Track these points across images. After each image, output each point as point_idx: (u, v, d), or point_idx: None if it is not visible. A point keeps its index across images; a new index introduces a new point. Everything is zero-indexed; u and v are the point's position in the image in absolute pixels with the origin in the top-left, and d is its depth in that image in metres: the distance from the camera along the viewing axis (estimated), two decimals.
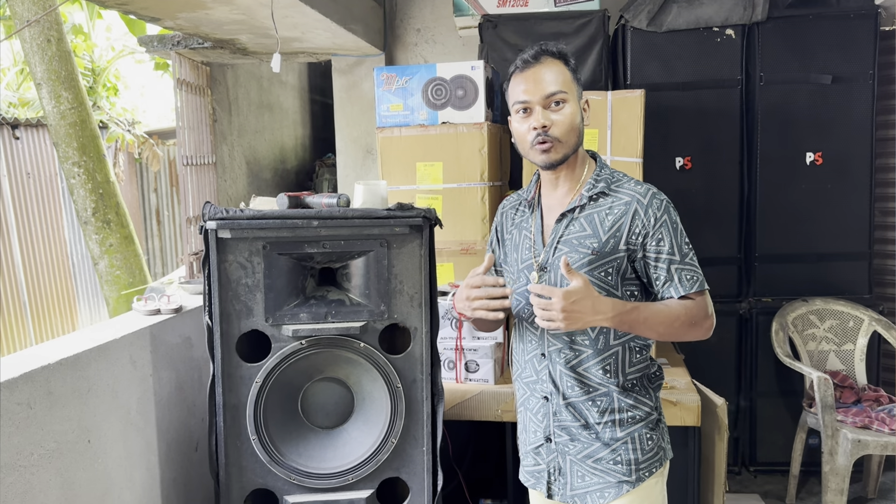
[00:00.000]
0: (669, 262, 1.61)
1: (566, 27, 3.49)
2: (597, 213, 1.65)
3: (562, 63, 1.64)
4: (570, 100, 1.62)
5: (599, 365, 1.65)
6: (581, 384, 1.66)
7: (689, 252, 1.63)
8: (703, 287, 1.63)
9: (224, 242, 2.03)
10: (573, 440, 1.69)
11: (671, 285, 1.62)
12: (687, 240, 1.65)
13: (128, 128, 7.25)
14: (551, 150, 1.62)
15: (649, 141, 2.99)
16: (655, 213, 1.62)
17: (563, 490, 1.72)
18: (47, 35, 4.57)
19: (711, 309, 1.64)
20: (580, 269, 1.62)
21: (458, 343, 2.63)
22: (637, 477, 1.65)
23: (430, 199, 2.98)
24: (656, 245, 1.61)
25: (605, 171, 1.71)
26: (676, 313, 1.59)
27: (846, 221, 3.49)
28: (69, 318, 6.70)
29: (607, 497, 1.66)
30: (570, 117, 1.62)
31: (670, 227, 1.62)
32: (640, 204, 1.62)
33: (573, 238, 1.66)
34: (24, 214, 6.18)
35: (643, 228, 1.61)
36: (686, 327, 1.60)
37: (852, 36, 3.39)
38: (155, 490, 2.36)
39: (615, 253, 1.62)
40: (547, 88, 1.61)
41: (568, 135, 1.62)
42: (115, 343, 2.15)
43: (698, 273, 1.63)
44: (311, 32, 3.56)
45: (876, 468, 3.34)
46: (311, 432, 2.16)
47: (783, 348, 3.30)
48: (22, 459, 1.76)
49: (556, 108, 1.62)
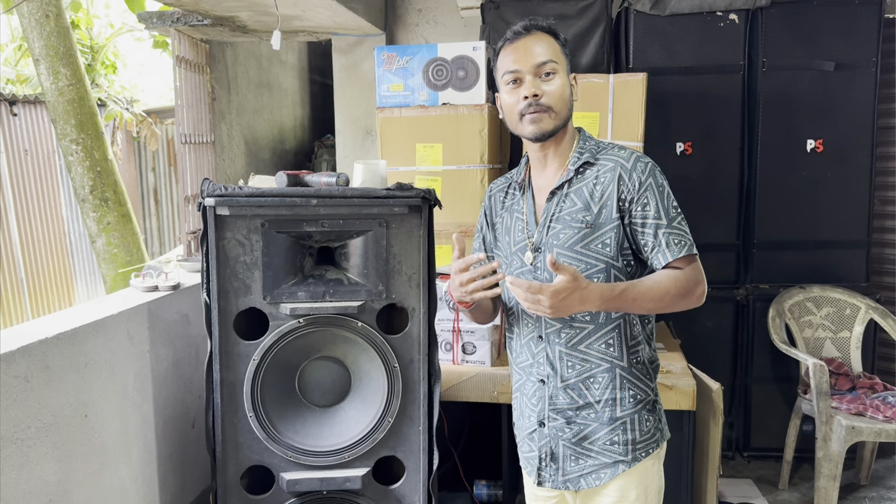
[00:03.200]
0: (656, 226, 1.57)
1: (569, 9, 3.47)
2: (585, 185, 1.63)
3: (551, 37, 1.63)
4: (560, 71, 1.61)
5: (602, 339, 1.63)
6: (583, 362, 1.64)
7: (676, 216, 1.59)
8: (693, 251, 1.58)
9: (222, 219, 2.03)
10: (569, 423, 1.66)
11: (659, 251, 1.58)
12: (675, 203, 1.60)
13: (126, 106, 7.21)
14: (542, 119, 1.60)
15: (650, 125, 2.98)
16: (640, 177, 1.58)
17: (555, 476, 1.69)
18: (45, 10, 4.54)
19: (702, 275, 1.59)
20: (576, 245, 1.61)
21: (455, 325, 2.64)
22: (633, 457, 1.64)
23: (430, 181, 2.97)
24: (642, 210, 1.58)
25: (589, 142, 1.68)
26: (666, 287, 1.55)
27: (845, 209, 3.49)
28: (66, 296, 6.71)
29: (603, 478, 1.64)
30: (560, 88, 1.61)
31: (655, 189, 1.58)
32: (623, 168, 1.60)
33: (565, 214, 1.63)
34: (21, 191, 6.17)
35: (628, 193, 1.58)
36: (677, 299, 1.56)
37: (856, 23, 3.37)
38: (152, 465, 2.37)
39: (609, 223, 1.60)
40: (538, 58, 1.60)
41: (559, 104, 1.61)
42: (113, 319, 2.16)
43: (686, 237, 1.59)
44: (312, 10, 3.54)
45: (869, 455, 3.36)
46: (308, 410, 2.17)
47: (779, 335, 3.31)
48: (19, 432, 1.76)
49: (546, 79, 1.60)
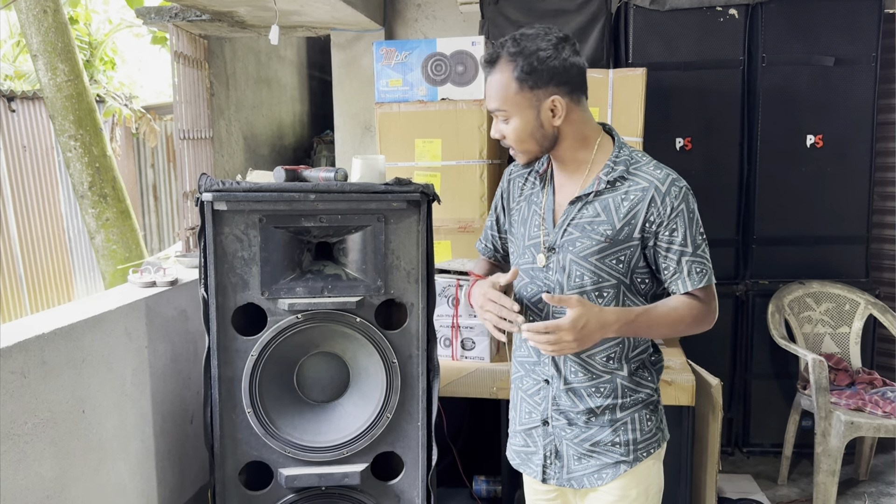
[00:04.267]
0: (681, 253, 1.56)
1: (568, 4, 3.46)
2: (612, 198, 1.58)
3: (509, 72, 1.55)
4: (513, 114, 1.57)
5: (604, 353, 1.63)
6: (585, 370, 1.64)
7: (702, 243, 1.58)
8: (712, 281, 1.59)
9: (220, 215, 2.02)
10: (571, 424, 1.66)
11: (679, 278, 1.57)
12: (702, 230, 1.59)
13: (125, 102, 7.19)
14: (516, 155, 1.64)
15: (650, 121, 2.97)
16: (673, 203, 1.55)
17: (560, 474, 1.70)
18: (44, 6, 4.51)
19: (716, 302, 1.62)
20: (591, 256, 1.58)
21: (454, 320, 2.63)
22: (635, 457, 1.64)
23: (429, 176, 2.96)
24: (669, 235, 1.56)
25: (623, 151, 1.62)
26: (681, 315, 1.57)
27: (845, 205, 3.48)
28: (65, 292, 6.70)
29: (605, 478, 1.64)
30: (515, 131, 1.58)
31: (686, 216, 1.55)
32: (657, 191, 1.55)
33: (585, 223, 1.60)
34: (20, 188, 6.16)
35: (658, 217, 1.55)
36: (691, 326, 1.59)
37: (856, 18, 3.36)
38: (150, 461, 2.37)
39: (629, 241, 1.57)
40: (490, 104, 1.60)
41: (520, 144, 1.60)
42: (110, 314, 2.15)
43: (707, 265, 1.59)
44: (310, 5, 3.52)
45: (868, 450, 3.36)
46: (307, 406, 2.16)
47: (779, 330, 3.30)
48: (16, 428, 1.76)
49: (504, 120, 1.61)
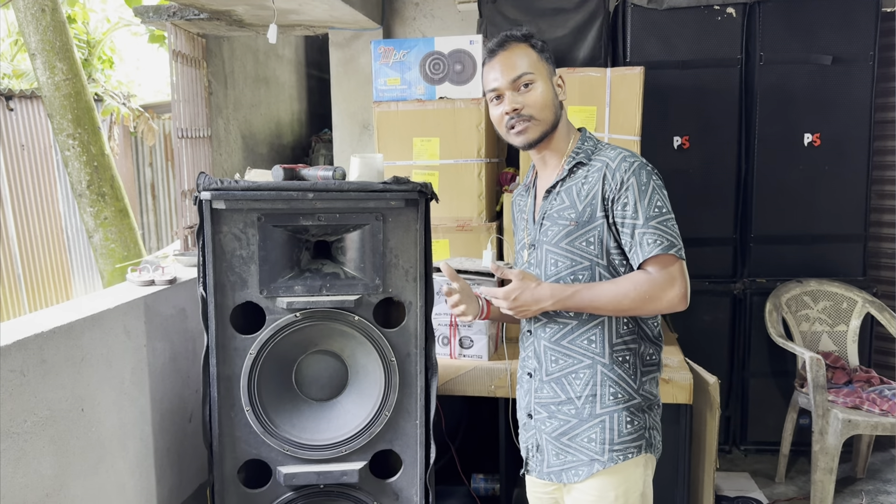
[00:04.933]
0: (633, 226, 1.56)
1: (566, 3, 3.46)
2: (574, 184, 1.66)
3: (526, 45, 1.66)
4: (538, 79, 1.64)
5: (585, 335, 1.66)
6: (566, 357, 1.67)
7: (657, 215, 1.55)
8: (670, 251, 1.53)
9: (219, 213, 2.02)
10: (551, 417, 1.70)
11: (633, 251, 1.57)
12: (660, 203, 1.57)
13: (123, 101, 7.18)
14: (527, 129, 1.65)
15: (647, 119, 2.97)
16: (622, 176, 1.58)
17: (540, 467, 1.74)
18: (42, 4, 4.51)
19: (680, 278, 1.55)
20: (561, 242, 1.65)
21: (452, 319, 2.64)
22: (609, 458, 1.63)
23: (427, 175, 2.97)
24: (622, 209, 1.58)
25: (588, 143, 1.71)
26: (624, 291, 1.55)
27: (843, 203, 3.48)
28: (63, 291, 6.70)
29: (581, 475, 1.66)
30: (541, 95, 1.64)
31: (637, 189, 1.56)
32: (608, 168, 1.61)
33: (554, 212, 1.67)
34: (18, 186, 6.16)
35: (611, 192, 1.59)
36: (639, 303, 1.55)
37: (854, 16, 3.36)
38: (149, 459, 2.37)
39: (593, 221, 1.61)
40: (514, 72, 1.64)
41: (542, 111, 1.64)
42: (109, 313, 2.15)
43: (665, 236, 1.54)
44: (308, 4, 3.52)
45: (865, 448, 3.37)
46: (305, 404, 2.17)
47: (776, 328, 3.31)
48: (15, 426, 1.76)
49: (525, 90, 1.64)
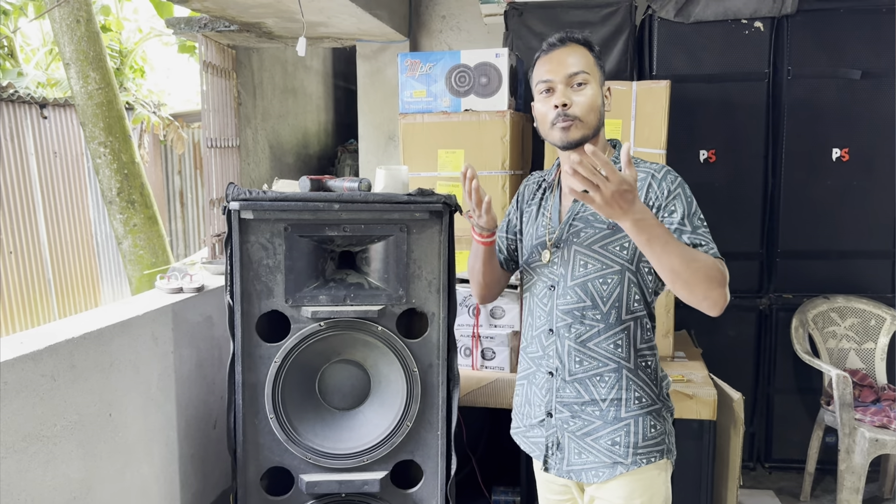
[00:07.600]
0: (680, 232, 1.58)
1: (592, 16, 3.47)
2: None
3: (585, 49, 1.69)
4: (591, 81, 1.65)
5: (611, 339, 1.67)
6: (591, 359, 1.67)
7: (700, 226, 1.59)
8: (719, 256, 1.56)
9: (246, 223, 2.05)
10: (574, 417, 1.70)
11: None
12: (701, 216, 1.61)
13: (153, 110, 7.32)
14: (571, 127, 1.64)
15: (673, 133, 2.97)
16: (669, 186, 1.62)
17: (560, 465, 1.74)
18: (76, 15, 4.62)
19: (727, 278, 1.52)
20: (594, 244, 1.66)
21: (475, 330, 2.65)
22: (633, 461, 1.65)
23: (451, 187, 2.98)
24: (668, 216, 1.60)
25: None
26: (697, 256, 1.49)
27: (871, 219, 3.44)
28: (92, 297, 6.81)
29: (602, 476, 1.67)
30: (591, 98, 1.64)
31: (683, 199, 1.61)
32: (654, 178, 1.63)
33: (589, 214, 1.68)
34: (50, 193, 6.28)
35: (657, 199, 1.61)
36: (702, 278, 1.46)
37: (882, 31, 3.32)
38: (173, 465, 2.40)
39: None
40: (570, 69, 1.65)
41: (588, 114, 1.64)
42: (138, 319, 2.19)
43: (712, 245, 1.58)
44: (337, 17, 3.57)
45: (893, 468, 3.31)
46: (328, 413, 2.19)
47: (802, 345, 3.27)
48: (45, 430, 1.80)
49: (577, 89, 1.65)
